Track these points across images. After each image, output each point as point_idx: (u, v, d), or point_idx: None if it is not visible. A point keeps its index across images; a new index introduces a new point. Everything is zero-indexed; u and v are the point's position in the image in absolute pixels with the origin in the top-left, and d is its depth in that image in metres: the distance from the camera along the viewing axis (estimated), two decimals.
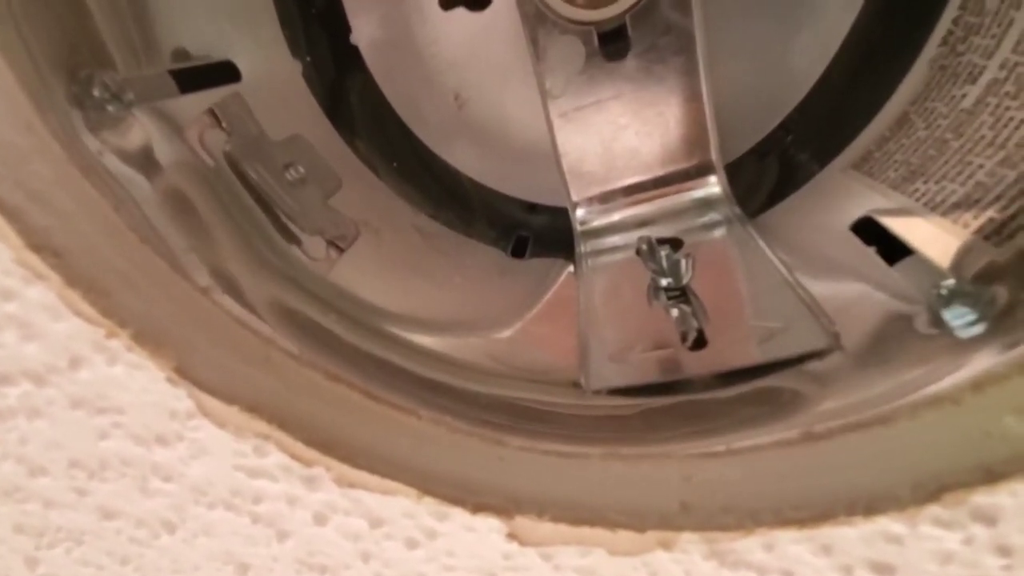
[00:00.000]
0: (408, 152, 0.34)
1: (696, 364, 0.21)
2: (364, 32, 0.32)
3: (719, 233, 0.30)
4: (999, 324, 0.16)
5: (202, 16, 0.26)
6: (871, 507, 0.14)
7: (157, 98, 0.20)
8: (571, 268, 0.32)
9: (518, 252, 0.34)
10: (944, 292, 0.17)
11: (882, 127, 0.26)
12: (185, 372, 0.15)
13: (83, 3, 0.19)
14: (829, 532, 0.14)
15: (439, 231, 0.33)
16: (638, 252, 0.28)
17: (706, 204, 0.32)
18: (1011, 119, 0.19)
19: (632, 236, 0.32)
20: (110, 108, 0.17)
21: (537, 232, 0.36)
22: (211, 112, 0.22)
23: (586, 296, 0.29)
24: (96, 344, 0.14)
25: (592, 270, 0.31)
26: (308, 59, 0.32)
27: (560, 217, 0.34)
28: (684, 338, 0.23)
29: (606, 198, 0.33)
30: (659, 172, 0.32)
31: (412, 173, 0.34)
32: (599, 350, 0.24)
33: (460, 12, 0.31)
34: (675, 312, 0.26)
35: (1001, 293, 0.17)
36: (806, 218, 0.28)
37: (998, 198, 0.18)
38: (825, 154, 0.29)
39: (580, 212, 0.33)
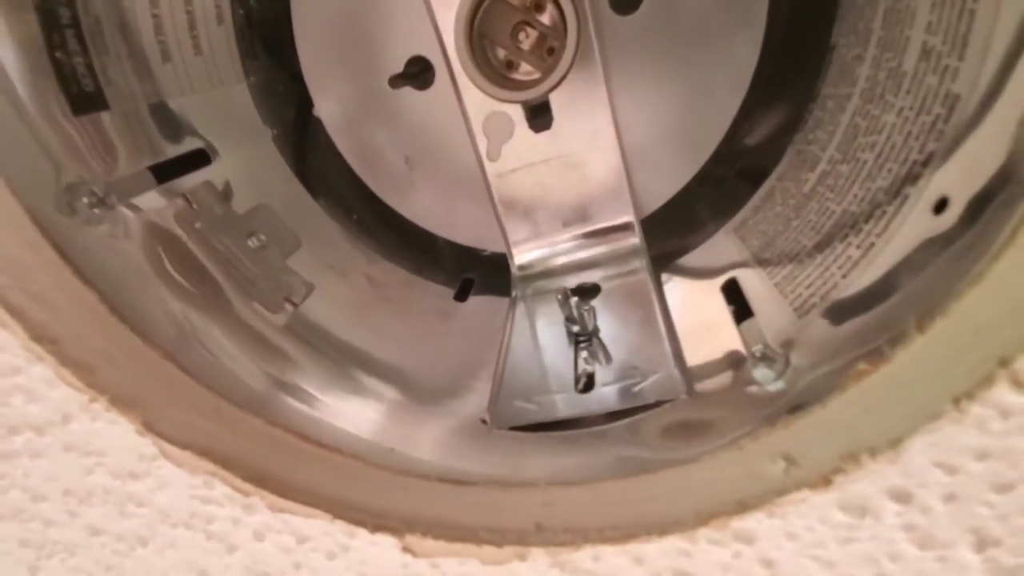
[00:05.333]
0: (365, 206, 0.39)
1: (580, 405, 0.26)
2: (325, 106, 0.37)
3: (631, 282, 0.35)
4: (793, 383, 0.21)
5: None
6: (663, 529, 0.18)
7: (136, 193, 0.25)
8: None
9: (461, 295, 0.38)
10: (757, 353, 0.22)
11: (758, 198, 0.31)
12: (150, 426, 0.19)
13: (92, 125, 0.23)
14: (637, 547, 0.19)
15: (389, 280, 0.37)
16: (557, 300, 0.33)
17: (626, 255, 0.36)
18: (829, 210, 0.24)
19: (563, 281, 0.37)
20: (96, 211, 0.22)
21: (482, 275, 0.40)
22: (184, 197, 0.27)
23: (512, 337, 0.33)
24: (82, 406, 0.19)
25: (523, 313, 0.36)
26: (277, 129, 0.37)
27: (502, 260, 0.38)
28: (577, 381, 0.28)
29: (540, 247, 0.38)
30: (586, 226, 0.37)
31: (370, 224, 0.39)
32: (509, 391, 0.28)
33: (408, 90, 0.36)
34: (583, 355, 0.30)
35: (797, 359, 0.21)
36: (695, 271, 0.32)
37: (808, 276, 0.23)
38: (721, 215, 0.33)
39: (517, 259, 0.38)
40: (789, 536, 0.18)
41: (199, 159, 0.29)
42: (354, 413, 0.28)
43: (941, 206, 0.18)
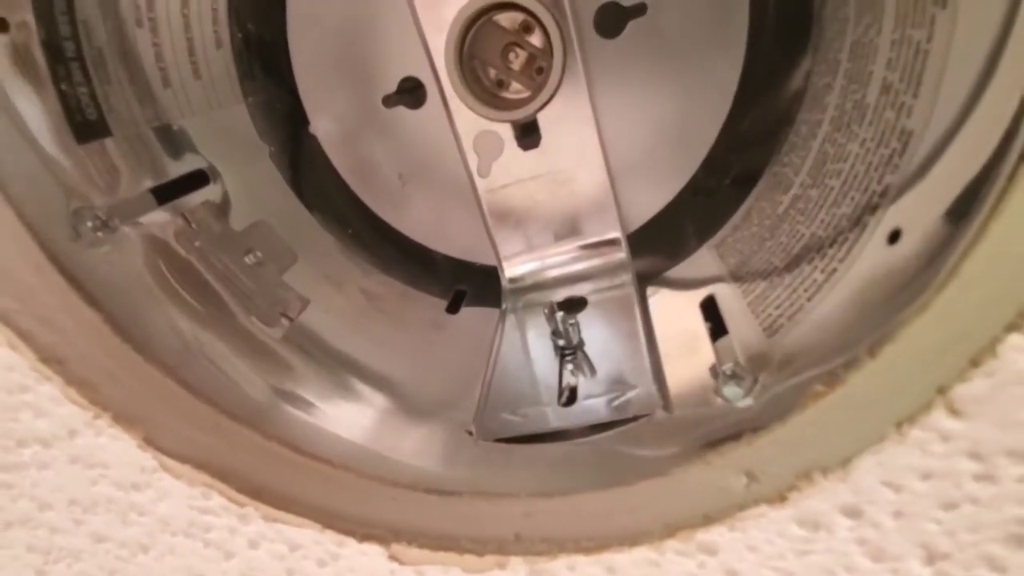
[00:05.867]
0: (360, 220, 0.40)
1: (564, 418, 0.27)
2: (321, 124, 0.38)
3: (617, 296, 0.36)
4: (760, 400, 0.22)
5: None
6: (634, 540, 0.19)
7: (138, 214, 0.26)
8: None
9: (453, 307, 0.39)
10: (727, 371, 0.23)
11: (738, 216, 0.32)
12: (150, 441, 0.20)
13: (94, 152, 0.25)
14: (610, 557, 0.20)
15: (384, 292, 0.38)
16: (544, 315, 0.34)
17: (613, 269, 0.37)
18: (799, 232, 0.25)
19: (552, 294, 0.38)
20: (100, 235, 0.23)
21: (474, 287, 0.41)
22: (183, 217, 0.28)
23: (501, 349, 0.34)
24: (87, 422, 0.20)
25: (513, 325, 0.37)
26: (274, 146, 0.38)
27: (493, 272, 0.39)
28: (560, 394, 0.29)
29: (530, 261, 0.39)
30: (574, 241, 0.38)
31: (364, 238, 0.40)
32: (496, 403, 0.29)
33: (401, 109, 0.37)
34: (568, 368, 0.31)
35: (764, 377, 0.22)
36: (678, 283, 0.33)
37: (777, 297, 0.24)
38: (703, 231, 0.35)
39: (507, 272, 0.39)
40: (750, 548, 0.19)
41: (198, 180, 0.30)
42: (348, 420, 0.29)
43: (895, 237, 0.19)
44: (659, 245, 0.37)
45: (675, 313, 0.31)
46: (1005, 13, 0.17)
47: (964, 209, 0.17)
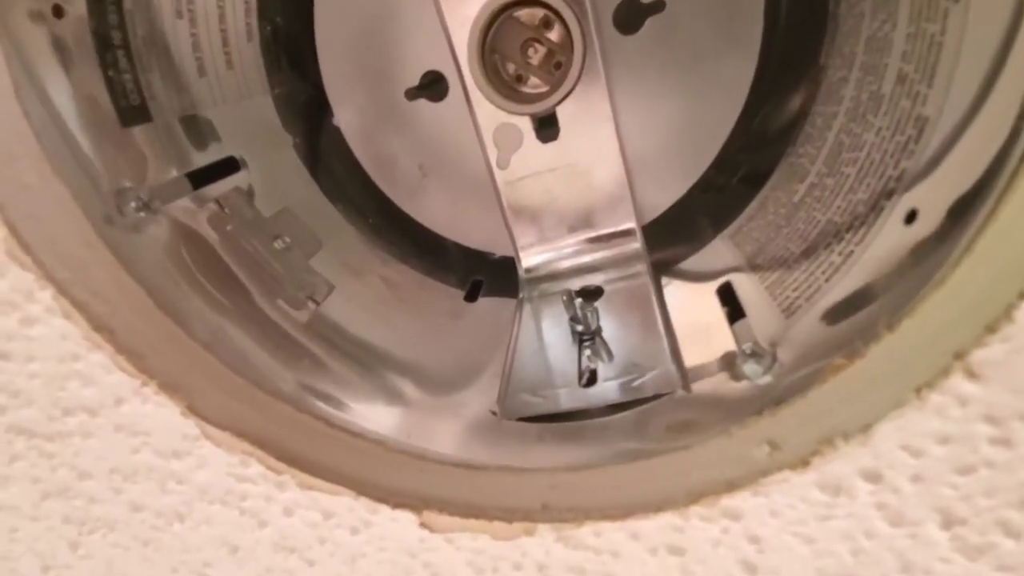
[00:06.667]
0: (381, 211, 0.41)
1: (583, 399, 0.28)
2: (344, 116, 0.39)
3: (633, 285, 0.36)
4: (780, 378, 0.23)
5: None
6: (658, 507, 0.20)
7: (176, 198, 0.27)
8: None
9: (471, 296, 0.40)
10: (747, 350, 0.24)
11: (753, 207, 0.32)
12: (193, 409, 0.21)
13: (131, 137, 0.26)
14: (635, 524, 0.20)
15: (403, 281, 0.39)
16: (562, 302, 0.34)
17: (628, 259, 0.38)
18: (815, 219, 0.26)
19: (567, 284, 0.39)
20: (142, 215, 0.24)
21: (491, 277, 0.42)
22: (216, 202, 0.29)
23: (520, 336, 0.35)
24: (134, 390, 0.21)
25: (530, 314, 0.38)
26: (298, 137, 0.39)
27: (510, 264, 0.40)
28: (581, 376, 0.29)
29: (546, 251, 0.40)
30: (590, 232, 0.39)
31: (384, 228, 0.41)
32: (517, 386, 0.30)
33: (422, 102, 0.38)
34: (586, 353, 0.32)
35: (783, 355, 0.23)
36: (693, 275, 0.34)
37: (795, 280, 0.25)
38: (718, 222, 0.35)
39: (524, 262, 0.40)
40: (773, 513, 0.19)
41: (230, 166, 0.31)
42: (372, 408, 0.30)
43: (911, 218, 0.20)
44: (674, 237, 0.38)
45: (689, 304, 0.32)
46: (1016, 5, 0.18)
47: (978, 190, 0.18)
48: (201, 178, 0.29)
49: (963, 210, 0.18)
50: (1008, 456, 0.17)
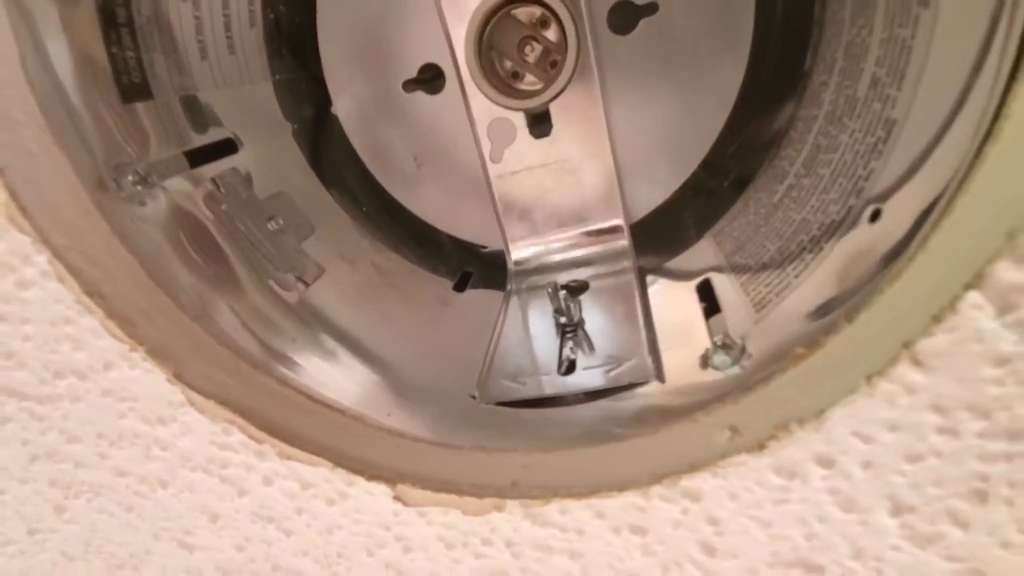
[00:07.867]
0: (375, 199, 0.42)
1: (561, 386, 0.29)
2: (342, 105, 0.40)
3: (618, 281, 0.37)
4: (748, 369, 0.23)
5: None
6: (622, 486, 0.21)
7: (173, 174, 0.28)
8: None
9: (460, 287, 0.41)
10: (718, 342, 0.24)
11: (737, 207, 0.33)
12: (180, 377, 0.22)
13: (136, 113, 0.26)
14: (599, 502, 0.21)
15: (394, 269, 0.40)
16: (547, 293, 0.35)
17: (615, 255, 0.39)
18: (791, 218, 0.26)
19: (555, 278, 0.39)
20: (139, 188, 0.25)
21: (481, 270, 0.43)
22: (212, 181, 0.29)
23: (504, 325, 0.36)
24: (123, 355, 0.22)
25: (516, 305, 0.38)
26: (296, 124, 0.40)
27: (499, 258, 0.41)
28: (560, 365, 0.30)
29: (535, 245, 0.40)
30: (578, 228, 0.40)
31: (378, 216, 0.42)
32: (498, 372, 0.31)
33: (419, 94, 0.38)
34: (568, 344, 0.33)
35: (752, 347, 0.24)
36: (677, 273, 0.35)
37: (767, 276, 0.25)
38: (704, 222, 0.36)
39: (514, 254, 0.41)
40: (731, 496, 0.20)
41: (227, 147, 0.32)
42: (358, 387, 0.31)
43: (875, 216, 0.20)
44: (659, 236, 0.39)
45: (671, 302, 0.33)
46: (991, 13, 0.18)
47: (935, 190, 0.19)
48: (199, 158, 0.30)
49: (920, 208, 0.19)
50: (955, 446, 0.18)
